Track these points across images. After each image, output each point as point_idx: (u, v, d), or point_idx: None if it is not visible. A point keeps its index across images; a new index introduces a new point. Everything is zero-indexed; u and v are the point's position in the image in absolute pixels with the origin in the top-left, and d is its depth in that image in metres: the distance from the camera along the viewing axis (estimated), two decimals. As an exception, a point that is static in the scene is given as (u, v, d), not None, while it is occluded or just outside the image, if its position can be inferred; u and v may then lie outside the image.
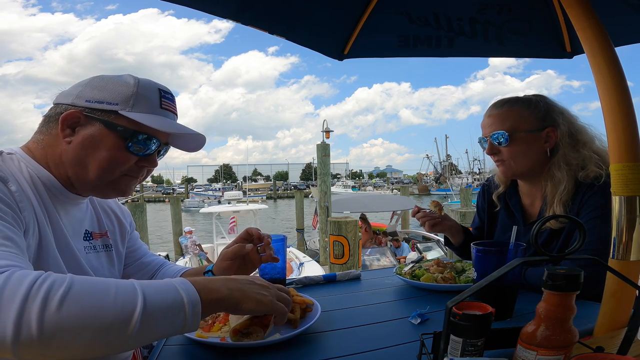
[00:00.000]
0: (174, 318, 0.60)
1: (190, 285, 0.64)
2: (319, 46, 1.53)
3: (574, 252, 0.59)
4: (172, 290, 0.62)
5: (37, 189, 0.80)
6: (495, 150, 1.23)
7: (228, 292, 0.68)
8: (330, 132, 11.36)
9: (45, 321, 0.51)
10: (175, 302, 0.61)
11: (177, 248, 12.80)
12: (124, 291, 0.58)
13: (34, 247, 0.74)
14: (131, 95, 0.82)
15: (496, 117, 1.23)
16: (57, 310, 0.52)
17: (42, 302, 0.52)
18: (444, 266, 1.23)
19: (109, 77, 0.85)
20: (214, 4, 1.20)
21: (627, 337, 0.60)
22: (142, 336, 0.58)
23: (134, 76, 0.86)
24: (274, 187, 68.91)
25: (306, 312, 0.93)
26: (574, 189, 1.14)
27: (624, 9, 1.26)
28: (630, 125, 0.76)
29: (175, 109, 0.91)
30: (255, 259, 1.02)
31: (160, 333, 0.61)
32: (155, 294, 0.60)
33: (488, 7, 1.38)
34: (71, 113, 0.80)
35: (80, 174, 0.83)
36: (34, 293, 0.52)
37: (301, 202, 18.05)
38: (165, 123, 0.85)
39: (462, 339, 0.57)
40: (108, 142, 0.82)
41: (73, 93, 0.83)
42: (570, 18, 0.83)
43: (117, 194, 0.89)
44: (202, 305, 0.64)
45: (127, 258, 1.07)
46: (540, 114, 1.20)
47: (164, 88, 0.88)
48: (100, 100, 0.81)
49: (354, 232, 6.57)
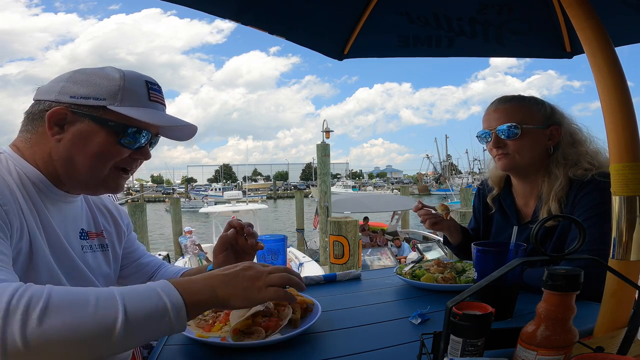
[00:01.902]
0: (158, 323, 0.60)
1: (173, 289, 0.63)
2: (319, 46, 1.53)
3: (573, 252, 0.59)
4: (155, 296, 0.61)
5: (26, 188, 0.78)
6: (502, 143, 1.23)
7: (210, 293, 0.67)
8: (330, 132, 11.36)
9: (27, 336, 0.51)
10: (158, 307, 0.61)
11: (177, 248, 12.79)
12: (104, 301, 0.57)
13: (25, 250, 0.73)
14: (118, 89, 0.80)
15: (504, 111, 1.23)
16: (37, 325, 0.52)
17: (22, 317, 0.52)
18: (444, 266, 1.23)
19: (91, 70, 0.82)
20: (214, 4, 1.20)
21: (627, 337, 0.60)
22: (128, 342, 0.58)
23: (117, 69, 0.83)
24: (274, 187, 68.93)
25: (306, 312, 0.94)
26: (568, 186, 1.16)
27: (624, 9, 1.26)
28: (630, 125, 0.76)
29: (163, 99, 0.89)
30: (247, 246, 1.03)
31: (147, 338, 0.61)
32: (137, 301, 0.59)
33: (488, 7, 1.38)
34: (57, 110, 0.78)
35: (71, 171, 0.82)
36: (13, 309, 0.52)
37: (301, 202, 18.04)
38: (157, 116, 0.84)
39: (462, 339, 0.57)
40: (99, 138, 0.80)
41: (55, 89, 0.80)
42: (570, 18, 0.83)
43: (107, 191, 0.88)
44: (187, 309, 0.63)
45: (125, 259, 1.07)
46: (547, 112, 1.23)
47: (150, 79, 0.86)
48: (86, 96, 0.79)
49: (354, 232, 6.57)
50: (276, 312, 0.89)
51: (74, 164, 0.81)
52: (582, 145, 1.21)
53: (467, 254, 1.44)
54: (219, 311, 0.93)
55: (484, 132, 1.27)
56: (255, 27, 1.29)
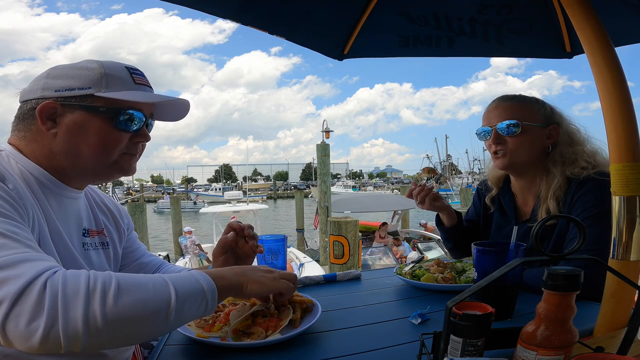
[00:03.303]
0: (199, 304, 0.68)
1: (206, 275, 0.72)
2: (319, 46, 1.53)
3: (573, 252, 0.59)
4: (194, 281, 0.69)
5: (29, 184, 0.78)
6: (501, 139, 1.23)
7: (234, 278, 0.76)
8: (330, 132, 11.36)
9: (107, 314, 0.57)
10: (198, 290, 0.68)
11: (177, 248, 12.79)
12: (158, 283, 0.64)
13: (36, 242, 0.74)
14: (101, 76, 0.81)
15: (505, 108, 1.24)
16: (114, 304, 0.58)
17: (101, 297, 0.58)
18: (444, 266, 1.23)
19: (67, 65, 0.83)
20: (214, 4, 1.20)
21: (627, 337, 0.60)
22: (177, 321, 0.65)
23: (94, 60, 0.84)
24: (274, 187, 68.93)
25: (306, 312, 0.94)
26: (565, 185, 1.17)
27: (624, 9, 1.26)
28: (630, 125, 0.76)
29: (149, 82, 0.90)
30: (247, 248, 1.04)
31: (189, 318, 0.68)
32: (182, 284, 0.67)
33: (488, 7, 1.38)
34: (46, 104, 0.79)
35: (78, 162, 0.82)
36: (92, 290, 0.58)
37: (301, 202, 18.05)
38: (146, 94, 0.85)
39: (462, 339, 0.57)
40: (94, 125, 0.81)
41: (37, 87, 0.81)
42: (570, 18, 0.83)
43: (121, 173, 0.89)
44: (218, 292, 0.71)
45: (125, 258, 1.07)
46: (547, 112, 1.24)
47: (131, 66, 0.87)
48: (71, 88, 0.80)
49: (354, 232, 6.57)
50: (276, 312, 0.89)
51: (79, 156, 0.82)
52: (580, 144, 1.22)
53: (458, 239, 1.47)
54: (219, 311, 0.93)
55: (483, 130, 1.27)
56: (255, 27, 1.29)
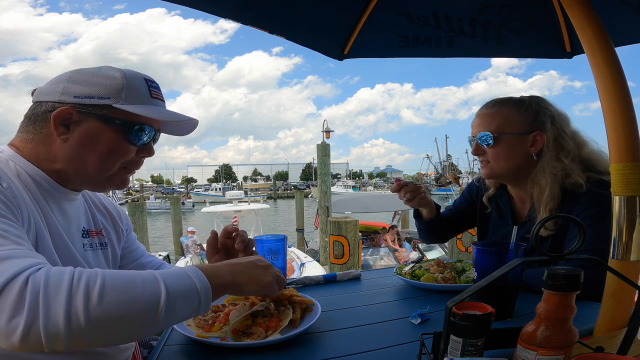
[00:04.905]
0: (190, 303, 0.66)
1: (200, 273, 0.69)
2: (319, 46, 1.53)
3: (573, 252, 0.59)
4: (186, 278, 0.67)
5: (28, 186, 0.79)
6: (481, 150, 1.24)
7: (232, 277, 0.73)
8: (331, 132, 11.37)
9: (90, 313, 0.55)
10: (190, 289, 0.66)
11: (178, 248, 12.77)
12: (148, 280, 0.62)
13: (32, 242, 0.73)
14: (122, 88, 0.81)
15: (484, 117, 1.23)
16: (98, 303, 0.56)
17: (84, 295, 0.56)
18: (444, 266, 1.23)
19: (90, 70, 0.83)
20: (215, 4, 1.20)
21: (627, 337, 0.60)
22: (168, 320, 0.63)
23: (116, 68, 0.84)
24: (274, 187, 68.93)
25: (306, 312, 0.94)
26: (560, 196, 1.13)
27: (624, 9, 1.26)
28: (630, 125, 0.76)
29: (163, 96, 0.91)
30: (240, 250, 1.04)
31: (181, 316, 0.66)
32: (174, 282, 0.64)
33: (488, 7, 1.38)
34: (63, 110, 0.79)
35: (80, 169, 0.83)
36: (75, 287, 0.56)
37: (301, 202, 18.03)
38: (162, 112, 0.86)
39: (462, 339, 0.57)
40: (107, 136, 0.82)
41: (56, 90, 0.81)
42: (570, 18, 0.83)
43: (114, 187, 0.89)
44: (212, 290, 0.69)
45: (124, 258, 1.07)
46: (530, 117, 1.18)
47: (148, 77, 0.88)
48: (91, 96, 0.80)
49: (354, 232, 6.56)
50: (276, 312, 0.89)
51: (83, 163, 0.82)
52: (572, 153, 1.15)
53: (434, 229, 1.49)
54: (219, 311, 0.93)
55: (470, 139, 1.28)
56: (255, 27, 1.29)
